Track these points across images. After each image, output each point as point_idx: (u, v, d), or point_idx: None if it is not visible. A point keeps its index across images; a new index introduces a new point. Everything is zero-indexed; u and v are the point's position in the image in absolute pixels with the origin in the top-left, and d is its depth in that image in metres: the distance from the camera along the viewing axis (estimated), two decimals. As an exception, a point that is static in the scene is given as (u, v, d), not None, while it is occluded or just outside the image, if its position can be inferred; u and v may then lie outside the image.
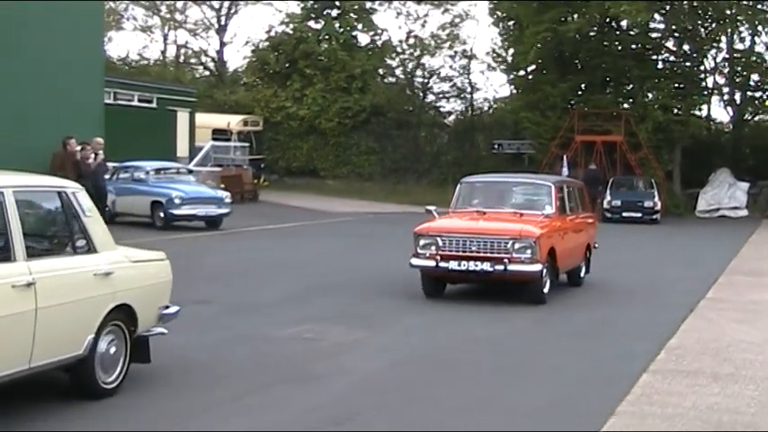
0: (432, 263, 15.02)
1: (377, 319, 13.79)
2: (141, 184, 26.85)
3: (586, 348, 12.11)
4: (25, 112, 21.38)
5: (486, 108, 53.57)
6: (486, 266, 14.73)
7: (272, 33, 51.66)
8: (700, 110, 45.89)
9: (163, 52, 61.27)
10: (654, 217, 36.46)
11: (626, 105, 44.67)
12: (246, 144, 40.14)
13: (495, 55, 50.32)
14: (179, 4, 59.71)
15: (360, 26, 51.18)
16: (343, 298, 15.51)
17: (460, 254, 14.96)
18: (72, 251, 8.54)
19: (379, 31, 52.06)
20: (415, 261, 15.26)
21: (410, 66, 53.20)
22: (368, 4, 51.92)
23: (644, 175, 40.12)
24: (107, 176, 23.83)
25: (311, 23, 50.80)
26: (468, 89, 53.39)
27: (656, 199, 37.04)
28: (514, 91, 49.04)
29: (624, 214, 36.20)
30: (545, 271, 15.13)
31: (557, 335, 13.21)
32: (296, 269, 19.13)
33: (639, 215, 36.29)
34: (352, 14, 50.79)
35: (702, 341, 12.53)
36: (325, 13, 50.71)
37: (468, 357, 11.42)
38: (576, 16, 42.52)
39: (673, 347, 11.96)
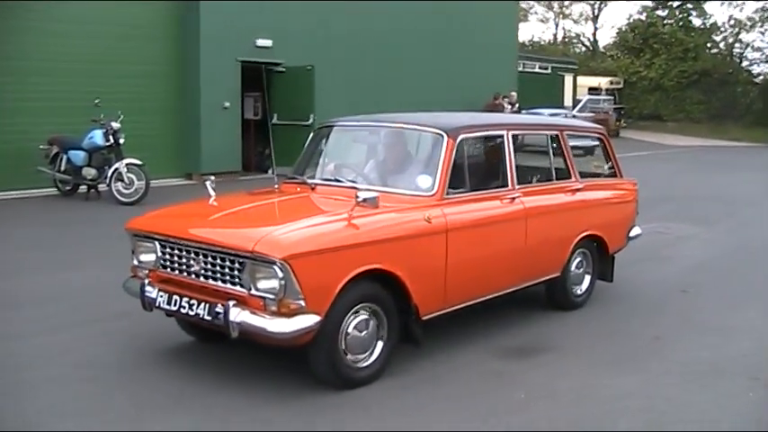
0: (137, 286, 5.29)
1: (709, 219, 12.53)
2: (541, 125, 26.87)
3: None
4: (470, 78, 22.56)
5: (788, 71, 49.09)
6: (203, 310, 4.81)
7: (631, 20, 50.37)
8: None
9: (554, 35, 61.28)
10: None
11: None
12: (611, 97, 39.09)
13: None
14: (566, 2, 59.25)
15: (694, 13, 48.33)
16: (681, 204, 14.15)
17: (180, 278, 5.11)
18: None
19: (708, 16, 49.33)
20: (130, 281, 5.52)
21: (730, 40, 50.19)
22: (701, -4, 49.19)
23: None
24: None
25: (658, 12, 48.95)
26: (775, 56, 49.21)
27: None
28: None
29: None
30: (336, 328, 4.83)
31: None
32: (645, 183, 18.28)
33: None
34: (688, 4, 48.58)
35: None
36: (669, 3, 48.73)
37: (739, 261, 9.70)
38: None
39: None
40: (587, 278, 7.24)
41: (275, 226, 4.91)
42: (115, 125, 13.33)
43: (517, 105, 22.69)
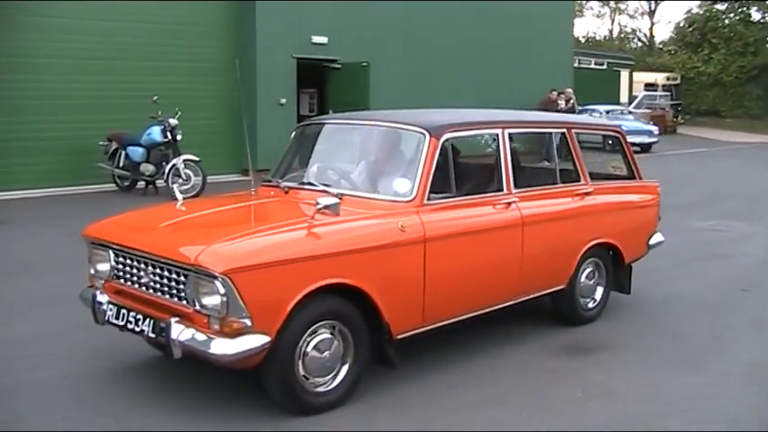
0: (90, 296, 4.75)
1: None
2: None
3: None
4: (525, 74, 22.58)
5: None
6: (147, 326, 4.30)
7: (689, 14, 49.26)
8: None
9: (610, 31, 60.67)
10: None
11: None
12: (668, 93, 38.40)
13: None
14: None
15: (754, 7, 47.20)
16: (740, 202, 13.61)
17: (131, 290, 4.57)
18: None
19: (770, 9, 47.81)
20: (86, 291, 4.94)
21: (794, 33, 48.74)
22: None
23: None
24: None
25: (717, 6, 47.79)
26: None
27: None
28: None
29: None
30: (291, 349, 4.22)
31: None
32: (703, 180, 17.87)
33: None
34: (749, -2, 47.12)
35: None
36: (728, -3, 47.62)
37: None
38: None
39: None
40: (600, 290, 6.42)
41: (223, 236, 4.28)
42: (173, 122, 13.41)
43: (572, 102, 22.30)
